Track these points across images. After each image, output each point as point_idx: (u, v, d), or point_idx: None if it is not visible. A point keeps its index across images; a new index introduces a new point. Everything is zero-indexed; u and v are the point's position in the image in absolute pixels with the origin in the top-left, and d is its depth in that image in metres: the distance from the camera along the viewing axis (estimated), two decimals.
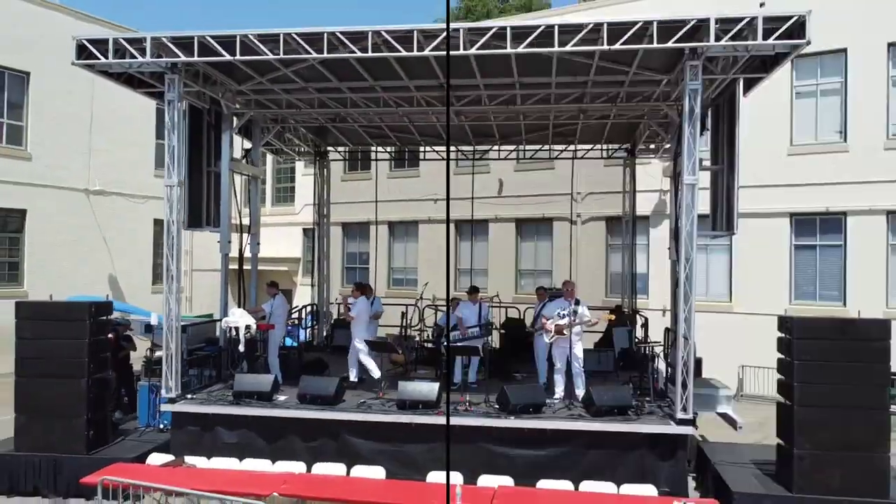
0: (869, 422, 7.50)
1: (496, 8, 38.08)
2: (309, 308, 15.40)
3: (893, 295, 14.96)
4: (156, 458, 8.31)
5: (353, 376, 10.75)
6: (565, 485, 7.46)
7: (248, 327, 9.78)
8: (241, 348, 9.82)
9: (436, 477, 7.71)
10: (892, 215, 15.02)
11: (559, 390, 9.94)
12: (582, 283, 17.62)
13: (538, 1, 38.69)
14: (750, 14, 7.88)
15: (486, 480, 7.55)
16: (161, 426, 10.12)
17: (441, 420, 8.77)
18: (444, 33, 8.30)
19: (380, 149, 15.89)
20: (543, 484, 7.52)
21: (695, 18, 7.88)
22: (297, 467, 8.08)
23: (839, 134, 15.68)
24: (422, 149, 15.85)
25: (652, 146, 14.53)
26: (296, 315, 14.92)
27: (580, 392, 9.61)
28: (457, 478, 7.50)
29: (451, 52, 8.26)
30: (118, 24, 20.70)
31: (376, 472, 7.99)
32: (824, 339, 7.68)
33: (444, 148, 15.58)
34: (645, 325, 13.05)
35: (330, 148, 15.75)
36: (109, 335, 9.85)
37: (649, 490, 7.38)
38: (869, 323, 7.81)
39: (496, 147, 15.25)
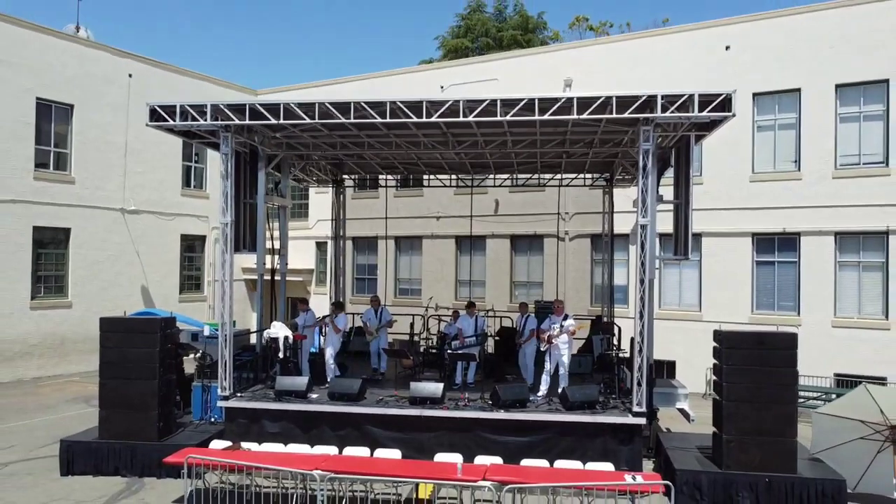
0: (780, 413, 9.54)
1: (494, 27, 40.04)
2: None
3: (840, 307, 16.99)
4: (217, 444, 10.37)
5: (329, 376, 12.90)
6: (542, 462, 9.51)
7: (286, 337, 11.86)
8: (281, 355, 11.89)
9: (441, 457, 9.76)
10: (839, 236, 17.03)
11: (544, 388, 12.03)
12: (569, 293, 19.76)
13: (534, 20, 40.75)
14: (688, 91, 9.91)
15: (481, 460, 9.60)
16: (212, 420, 12.17)
17: (445, 413, 10.85)
18: (448, 103, 10.41)
19: (389, 176, 17.96)
20: (526, 462, 9.55)
21: (645, 94, 9.94)
22: (331, 451, 10.12)
23: (794, 163, 17.73)
24: (425, 177, 17.89)
25: (628, 176, 16.57)
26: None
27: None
28: (458, 458, 9.57)
29: (452, 119, 10.33)
30: (149, 58, 22.82)
31: (393, 455, 9.98)
32: (746, 349, 9.72)
33: (445, 175, 17.68)
34: (619, 334, 15.09)
35: (345, 176, 17.83)
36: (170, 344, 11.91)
37: (608, 466, 9.42)
38: (780, 335, 9.82)
39: (492, 176, 17.31)
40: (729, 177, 18.23)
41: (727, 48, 18.31)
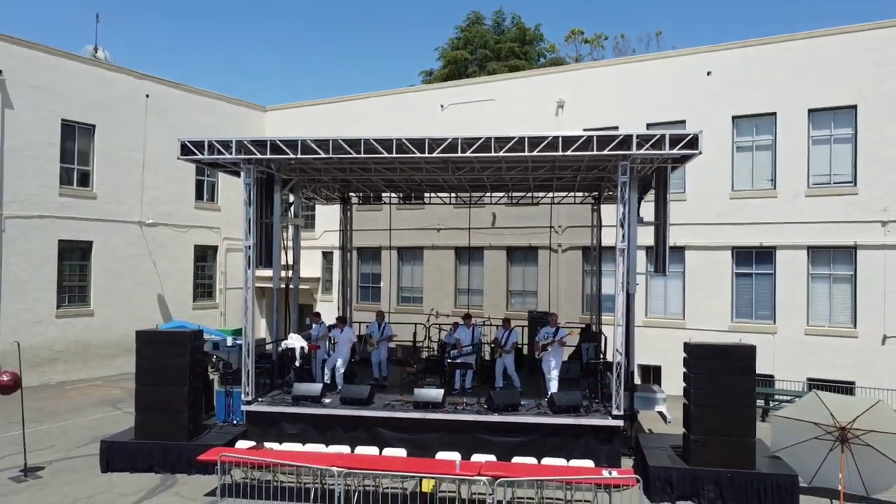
0: (740, 415, 10.78)
1: (492, 39, 41.26)
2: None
3: (812, 316, 18.28)
4: (242, 444, 11.64)
5: (326, 379, 14.28)
6: (531, 460, 10.78)
7: (302, 348, 13.15)
8: (297, 363, 13.17)
9: (442, 456, 11.01)
10: (811, 250, 18.32)
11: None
12: (562, 302, 21.04)
13: (531, 32, 41.97)
14: (660, 132, 11.17)
15: (477, 457, 10.83)
16: (234, 422, 13.42)
17: (445, 416, 12.11)
18: (448, 140, 11.68)
19: (392, 194, 19.26)
20: (516, 459, 10.84)
21: (622, 134, 11.21)
22: (344, 450, 11.38)
23: (770, 182, 19.01)
24: (427, 194, 19.18)
25: (614, 194, 17.81)
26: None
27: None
28: (456, 456, 10.83)
29: (451, 154, 11.61)
30: (165, 79, 24.10)
31: (399, 453, 11.25)
32: (711, 359, 10.99)
33: (445, 193, 18.94)
34: (604, 342, 16.33)
35: (351, 194, 19.11)
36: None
37: (589, 463, 10.68)
38: (740, 347, 11.07)
39: (489, 194, 18.59)
40: (710, 194, 19.51)
41: (708, 74, 19.59)
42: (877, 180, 17.43)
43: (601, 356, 16.05)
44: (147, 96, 23.18)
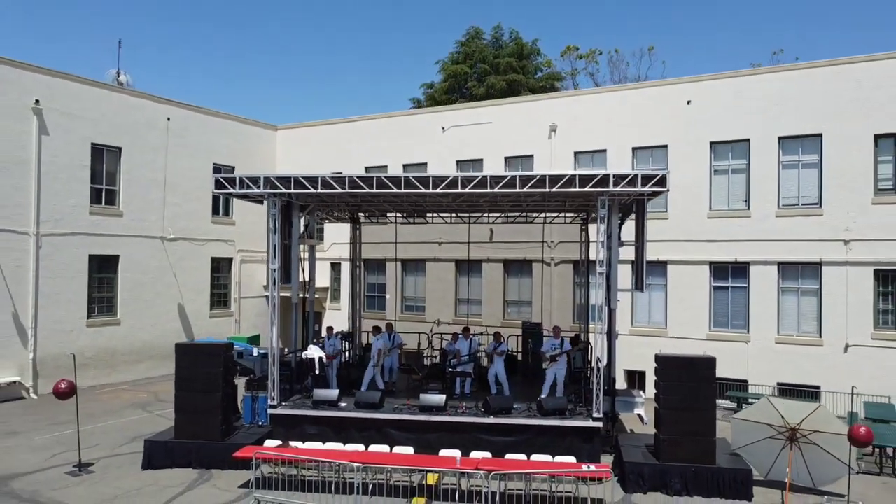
0: (702, 417, 12.45)
1: (491, 54, 42.85)
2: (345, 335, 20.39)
3: (782, 326, 19.96)
4: (270, 443, 13.32)
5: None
6: (522, 456, 12.45)
7: (320, 358, 14.83)
8: (317, 372, 14.86)
9: (444, 453, 12.68)
10: (782, 266, 20.01)
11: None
12: (555, 312, 22.70)
13: (528, 47, 43.58)
14: (634, 172, 12.84)
15: (475, 454, 12.52)
16: (260, 423, 15.08)
17: (447, 418, 13.78)
18: (449, 178, 13.36)
19: (398, 214, 20.96)
20: (509, 456, 12.49)
21: (601, 173, 12.88)
22: (359, 448, 13.06)
23: (744, 203, 20.69)
24: (429, 214, 20.87)
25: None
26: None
27: None
28: (457, 453, 12.51)
29: (451, 190, 13.29)
30: (184, 103, 25.78)
31: (407, 451, 12.89)
32: (678, 369, 12.66)
33: (446, 213, 20.61)
34: (591, 351, 18.00)
35: (360, 214, 20.79)
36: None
37: (571, 459, 12.36)
38: (703, 358, 12.74)
39: (485, 214, 20.27)
40: (690, 213, 21.20)
41: (688, 102, 21.29)
42: (840, 202, 19.12)
43: (587, 364, 17.73)
44: (168, 119, 24.85)
